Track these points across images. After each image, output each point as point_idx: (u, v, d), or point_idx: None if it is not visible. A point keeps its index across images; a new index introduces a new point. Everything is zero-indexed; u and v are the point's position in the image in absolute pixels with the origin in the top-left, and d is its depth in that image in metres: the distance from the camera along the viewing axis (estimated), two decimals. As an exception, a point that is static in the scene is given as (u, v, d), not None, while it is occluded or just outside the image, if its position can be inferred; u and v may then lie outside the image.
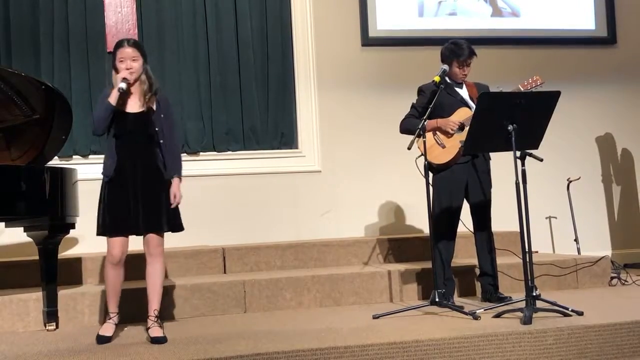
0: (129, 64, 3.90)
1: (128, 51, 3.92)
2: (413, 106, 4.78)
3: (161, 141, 3.94)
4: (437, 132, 4.65)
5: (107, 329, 3.87)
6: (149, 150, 3.93)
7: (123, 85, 3.84)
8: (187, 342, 3.73)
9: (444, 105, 4.61)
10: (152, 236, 3.91)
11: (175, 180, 3.96)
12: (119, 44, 3.96)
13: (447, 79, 4.70)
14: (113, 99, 3.83)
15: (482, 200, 4.70)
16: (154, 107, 3.97)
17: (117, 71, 3.92)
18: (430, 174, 4.63)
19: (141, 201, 3.86)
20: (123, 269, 3.94)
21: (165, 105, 4.04)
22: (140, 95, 3.95)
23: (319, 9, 6.60)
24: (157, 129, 3.93)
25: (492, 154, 4.77)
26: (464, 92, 4.75)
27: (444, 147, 4.63)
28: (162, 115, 3.97)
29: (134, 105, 3.94)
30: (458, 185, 4.66)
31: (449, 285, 4.68)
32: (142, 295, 4.02)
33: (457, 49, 4.67)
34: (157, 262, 3.94)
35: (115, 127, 3.89)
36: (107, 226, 3.86)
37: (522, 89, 4.61)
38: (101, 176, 3.95)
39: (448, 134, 4.62)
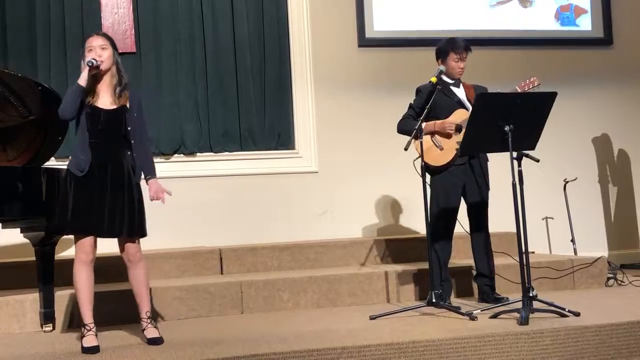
0: (98, 52, 3.75)
1: (97, 40, 3.79)
2: (410, 106, 4.79)
3: (132, 141, 3.81)
4: (435, 134, 4.65)
5: (92, 340, 3.64)
6: (121, 151, 3.79)
7: (93, 60, 3.68)
8: (184, 344, 3.73)
9: (441, 106, 4.61)
10: (129, 243, 3.78)
11: (152, 181, 3.86)
12: (87, 36, 3.86)
13: (444, 78, 4.71)
14: (82, 80, 3.67)
15: (479, 202, 4.70)
16: (127, 105, 3.81)
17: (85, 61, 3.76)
18: (428, 176, 4.65)
19: (107, 204, 3.70)
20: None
21: (138, 103, 3.88)
22: (111, 90, 3.79)
23: (316, 10, 6.61)
24: (129, 128, 3.79)
25: (489, 155, 4.78)
26: (461, 93, 4.75)
27: (442, 149, 4.63)
28: (135, 114, 3.83)
29: (105, 101, 3.77)
30: (455, 186, 4.66)
31: (446, 286, 4.68)
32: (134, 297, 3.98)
33: (452, 41, 4.72)
34: (139, 266, 3.82)
35: (88, 123, 3.72)
36: (81, 223, 3.67)
37: (519, 90, 4.62)
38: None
39: (447, 136, 4.62)
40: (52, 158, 5.05)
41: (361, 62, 6.69)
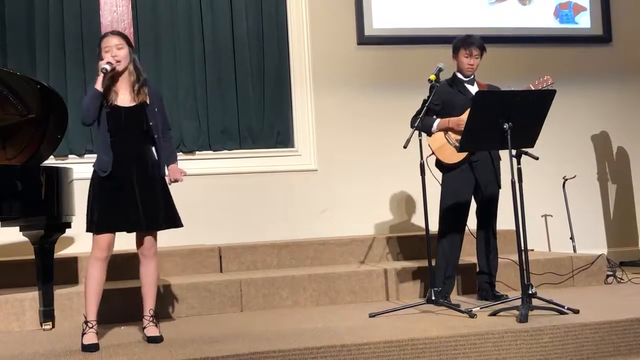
0: (115, 51, 3.78)
1: (112, 39, 3.81)
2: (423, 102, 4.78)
3: (155, 136, 3.85)
4: (449, 132, 4.64)
5: (92, 338, 3.66)
6: (144, 147, 3.84)
7: (107, 66, 3.71)
8: (184, 342, 3.73)
9: (455, 104, 4.61)
10: (148, 237, 3.85)
11: (173, 166, 3.90)
12: (103, 36, 3.89)
13: (458, 75, 4.72)
14: (98, 84, 3.69)
15: (488, 199, 4.70)
16: (147, 101, 3.85)
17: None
18: (438, 173, 4.65)
19: (139, 200, 3.76)
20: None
21: (158, 98, 3.94)
22: (129, 88, 3.83)
23: (315, 8, 6.60)
24: (151, 123, 3.83)
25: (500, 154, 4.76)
26: (475, 91, 4.73)
27: (455, 146, 4.61)
28: (156, 109, 3.87)
29: (124, 99, 3.81)
30: (467, 184, 4.66)
31: (448, 283, 4.68)
32: (137, 294, 4.00)
33: (464, 37, 4.74)
34: (152, 262, 3.87)
35: (109, 123, 3.75)
36: (102, 222, 3.72)
37: (532, 88, 4.60)
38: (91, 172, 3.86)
39: (460, 134, 4.59)
40: (52, 156, 5.06)
41: (360, 60, 6.68)
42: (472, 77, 4.76)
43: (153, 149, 3.89)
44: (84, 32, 6.14)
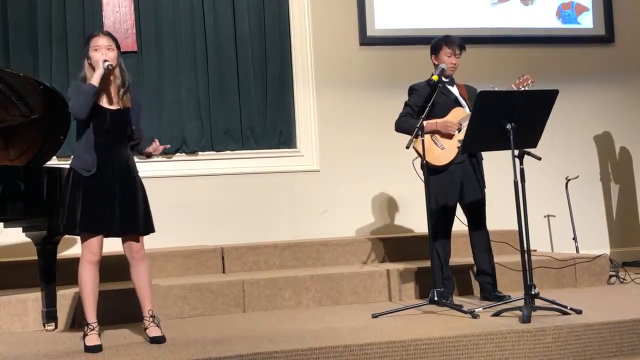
0: (105, 52, 3.74)
1: (103, 40, 3.78)
2: (407, 105, 4.78)
3: (137, 138, 3.87)
4: (435, 134, 4.64)
5: (94, 339, 3.65)
6: (125, 150, 3.83)
7: (110, 63, 3.69)
8: (186, 342, 3.73)
9: (438, 105, 4.60)
10: (135, 240, 3.81)
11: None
12: (92, 35, 3.85)
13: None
14: (96, 80, 3.66)
15: (477, 200, 4.70)
16: (129, 106, 3.83)
17: (90, 60, 3.76)
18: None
19: (120, 204, 3.73)
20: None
21: (138, 102, 3.92)
22: (115, 91, 3.80)
23: (317, 8, 6.60)
24: (133, 127, 3.83)
25: (490, 154, 4.77)
26: (456, 91, 4.76)
27: (443, 148, 4.62)
28: (137, 113, 3.88)
29: (109, 101, 3.79)
30: (453, 185, 4.66)
31: (448, 284, 4.68)
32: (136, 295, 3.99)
33: (446, 36, 4.75)
34: (143, 264, 3.84)
35: (94, 124, 3.72)
36: (91, 223, 3.70)
37: (514, 88, 4.61)
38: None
39: (448, 136, 4.61)
40: (54, 157, 5.06)
41: (362, 61, 6.68)
42: (452, 77, 4.77)
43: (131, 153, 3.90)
44: (87, 32, 6.10)
